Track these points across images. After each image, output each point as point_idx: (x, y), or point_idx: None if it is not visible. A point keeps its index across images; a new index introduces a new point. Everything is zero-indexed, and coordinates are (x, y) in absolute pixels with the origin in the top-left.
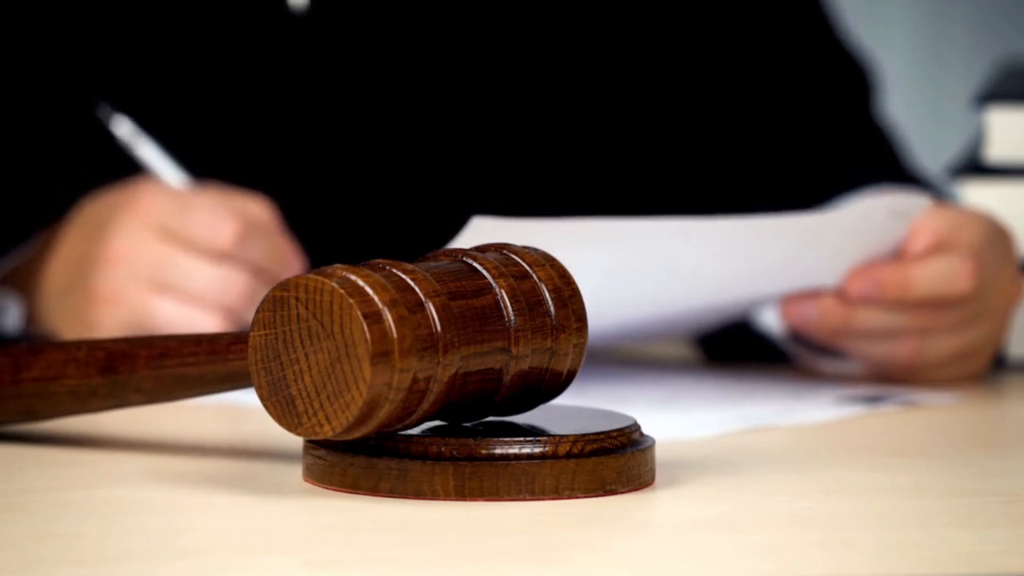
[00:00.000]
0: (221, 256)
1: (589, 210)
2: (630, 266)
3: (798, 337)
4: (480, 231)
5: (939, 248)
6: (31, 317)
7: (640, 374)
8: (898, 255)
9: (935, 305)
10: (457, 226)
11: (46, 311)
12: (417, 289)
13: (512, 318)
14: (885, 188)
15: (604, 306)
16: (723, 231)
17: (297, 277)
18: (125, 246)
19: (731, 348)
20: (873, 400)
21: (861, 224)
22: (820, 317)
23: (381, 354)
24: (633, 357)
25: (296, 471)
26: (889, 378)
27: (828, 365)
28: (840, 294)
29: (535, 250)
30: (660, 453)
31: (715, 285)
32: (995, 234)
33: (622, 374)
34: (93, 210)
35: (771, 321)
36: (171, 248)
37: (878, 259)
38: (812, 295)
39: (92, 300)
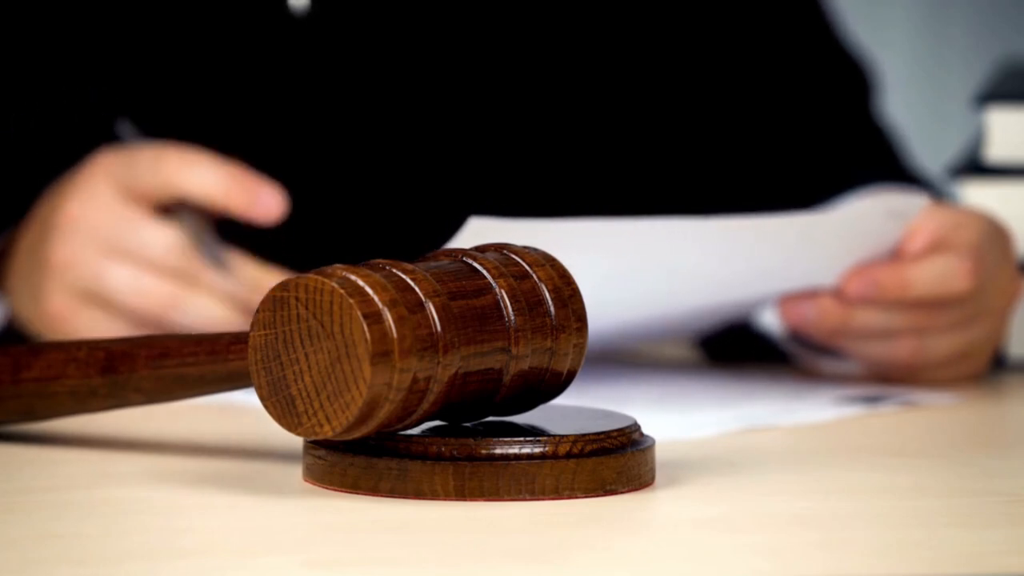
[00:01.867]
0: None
1: (588, 210)
2: (630, 266)
3: (797, 337)
4: (477, 233)
5: (937, 247)
6: (12, 315)
7: (639, 374)
8: (896, 255)
9: (933, 305)
10: (454, 227)
11: (13, 299)
12: (417, 289)
13: (512, 318)
14: (884, 188)
15: (604, 306)
16: (721, 231)
17: (297, 277)
18: (78, 209)
19: (731, 348)
20: (873, 400)
21: (859, 224)
22: (818, 317)
23: (381, 354)
24: (633, 357)
25: (296, 471)
26: (888, 378)
27: (828, 365)
28: (838, 294)
29: (535, 250)
30: (660, 453)
31: (715, 285)
32: (994, 233)
33: (622, 374)
34: (54, 189)
35: (771, 321)
36: (125, 210)
37: (876, 259)
38: (810, 295)
39: (44, 267)
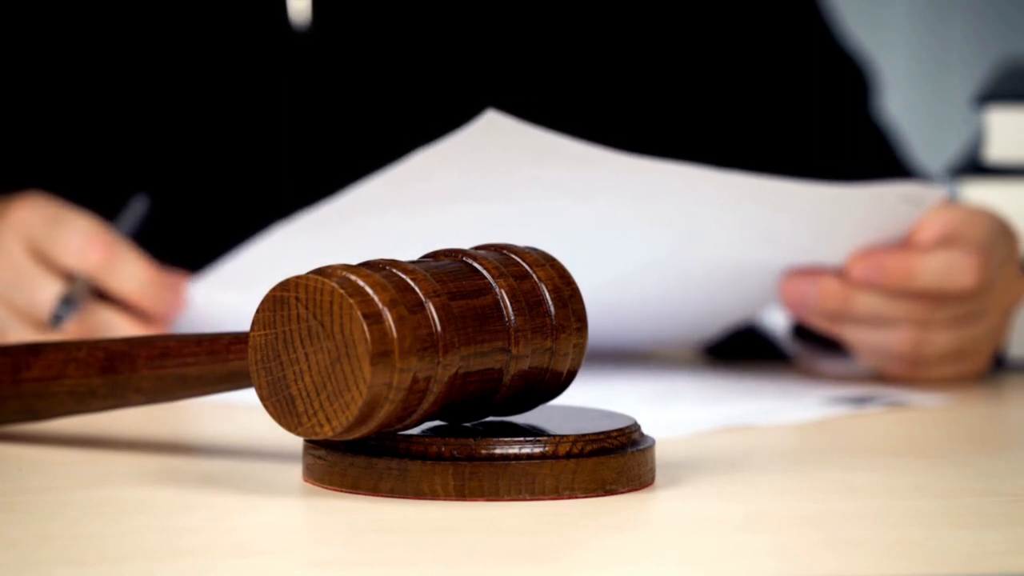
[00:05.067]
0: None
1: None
2: (637, 204)
3: (800, 332)
4: (491, 125)
5: (946, 242)
6: None
7: (632, 371)
8: (904, 243)
9: (936, 298)
10: (470, 117)
11: None
12: (417, 289)
13: (512, 318)
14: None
15: (606, 242)
16: (735, 185)
17: (297, 277)
18: None
19: (735, 348)
20: (860, 401)
21: (872, 203)
22: (819, 297)
23: (381, 354)
24: (630, 353)
25: (296, 471)
26: (887, 374)
27: (830, 366)
28: (841, 275)
29: (535, 250)
30: (660, 453)
31: (720, 239)
32: (1002, 233)
33: (618, 371)
34: None
35: (775, 321)
36: (28, 267)
37: (884, 244)
38: (812, 274)
39: None
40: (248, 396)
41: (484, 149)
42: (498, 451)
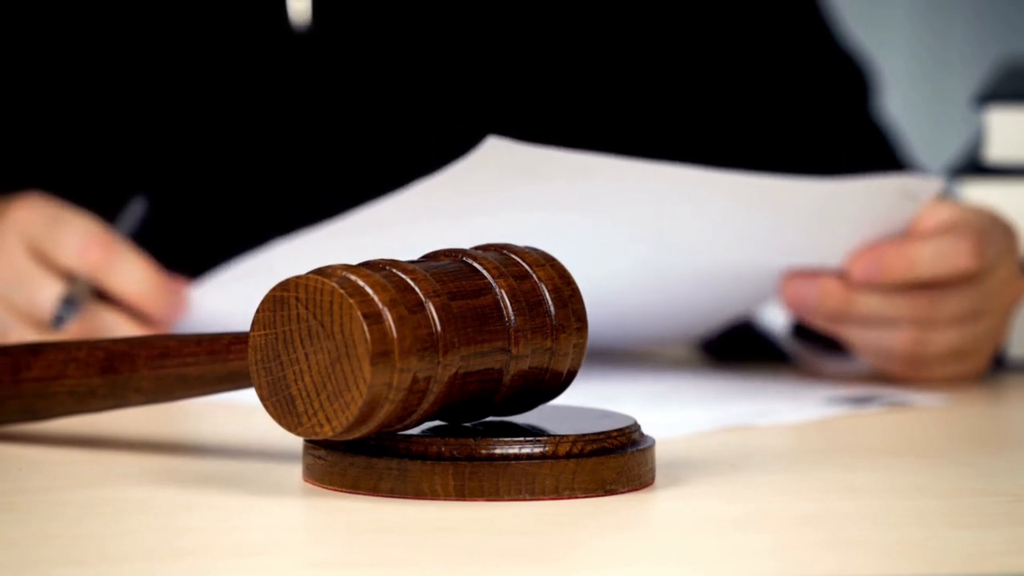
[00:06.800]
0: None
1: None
2: (636, 210)
3: (800, 332)
4: (494, 152)
5: (942, 230)
6: None
7: (635, 372)
8: (902, 239)
9: (937, 287)
10: (472, 143)
11: None
12: (417, 289)
13: (512, 318)
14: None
15: (607, 249)
16: (735, 186)
17: (297, 277)
18: None
19: (733, 349)
20: (860, 401)
21: (871, 199)
22: (819, 299)
23: (381, 354)
24: (630, 353)
25: (296, 471)
26: (889, 375)
27: (829, 365)
28: (842, 276)
29: (535, 250)
30: (660, 453)
31: (721, 241)
32: (999, 226)
33: (618, 372)
34: None
35: (773, 320)
36: (28, 267)
37: (882, 240)
38: (812, 276)
39: None
40: (248, 396)
41: (480, 171)
42: (498, 451)
